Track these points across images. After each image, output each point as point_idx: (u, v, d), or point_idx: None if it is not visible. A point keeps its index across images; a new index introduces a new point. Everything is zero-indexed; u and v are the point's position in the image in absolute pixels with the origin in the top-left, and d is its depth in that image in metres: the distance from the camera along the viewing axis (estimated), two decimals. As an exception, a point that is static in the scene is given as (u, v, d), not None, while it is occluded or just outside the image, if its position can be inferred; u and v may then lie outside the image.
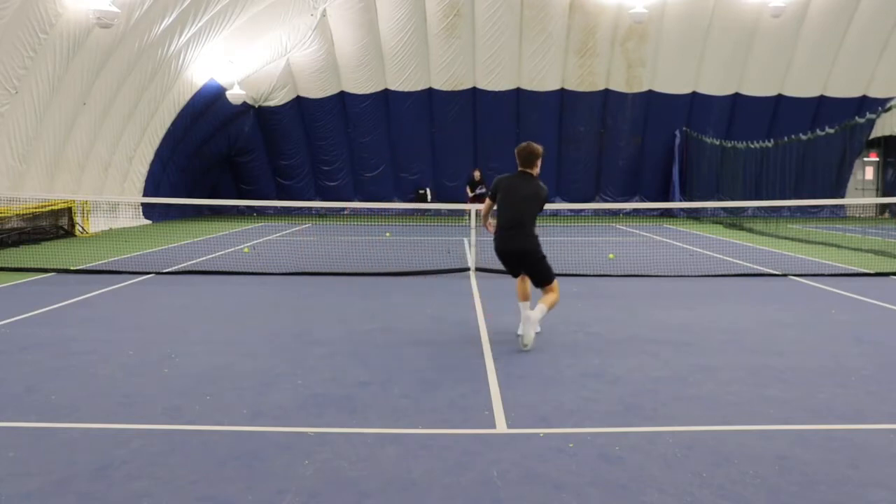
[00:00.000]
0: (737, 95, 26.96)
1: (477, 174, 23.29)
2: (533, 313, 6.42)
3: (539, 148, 6.70)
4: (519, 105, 26.56)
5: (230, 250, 14.71)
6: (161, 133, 21.70)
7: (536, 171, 6.69)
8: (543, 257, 6.61)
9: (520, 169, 6.69)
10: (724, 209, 24.80)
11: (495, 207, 6.77)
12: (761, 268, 11.96)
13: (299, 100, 26.30)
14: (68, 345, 6.52)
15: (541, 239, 6.67)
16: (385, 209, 25.45)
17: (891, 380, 5.49)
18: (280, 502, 3.42)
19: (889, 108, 20.93)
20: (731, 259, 13.35)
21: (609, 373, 5.64)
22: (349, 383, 5.34)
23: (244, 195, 26.84)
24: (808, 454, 4.01)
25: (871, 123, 24.99)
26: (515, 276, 6.85)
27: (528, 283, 6.79)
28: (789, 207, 25.47)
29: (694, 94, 26.80)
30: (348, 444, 4.14)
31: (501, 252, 6.66)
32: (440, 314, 8.03)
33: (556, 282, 6.70)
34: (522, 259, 6.61)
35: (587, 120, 26.96)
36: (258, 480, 3.65)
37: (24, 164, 15.92)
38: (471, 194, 23.16)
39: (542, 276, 6.64)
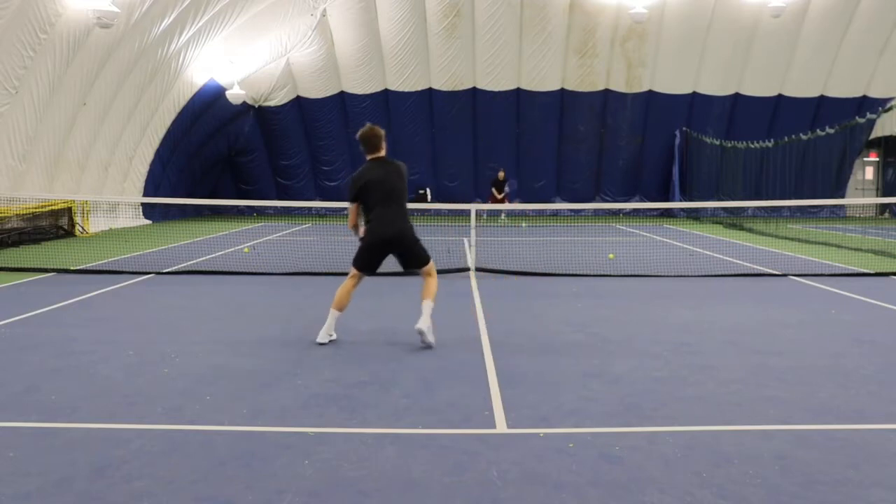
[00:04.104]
0: (737, 95, 26.97)
1: (501, 174, 23.53)
2: (424, 320, 6.30)
3: (381, 129, 6.55)
4: (519, 105, 26.56)
5: (230, 250, 14.71)
6: (161, 133, 21.70)
7: (384, 152, 6.54)
8: (419, 239, 6.55)
9: (370, 157, 6.51)
10: (724, 209, 24.80)
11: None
12: (761, 268, 11.96)
13: (299, 100, 26.30)
14: (68, 345, 6.52)
15: (542, 238, 6.67)
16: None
17: (891, 380, 5.49)
18: (280, 502, 3.42)
19: (889, 108, 20.93)
20: (731, 259, 13.35)
21: (609, 373, 5.64)
22: (349, 383, 5.34)
23: (244, 195, 26.84)
24: (808, 454, 4.01)
25: (871, 123, 24.98)
26: (372, 271, 6.62)
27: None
28: (789, 207, 25.47)
29: (694, 94, 26.81)
30: (348, 444, 4.14)
31: (381, 239, 6.40)
32: (440, 314, 8.01)
33: (432, 262, 6.63)
34: (401, 243, 6.44)
35: (587, 120, 26.97)
36: (258, 480, 3.65)
37: (24, 164, 15.92)
38: (499, 196, 23.45)
39: (422, 256, 6.54)
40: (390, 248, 6.50)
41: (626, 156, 27.66)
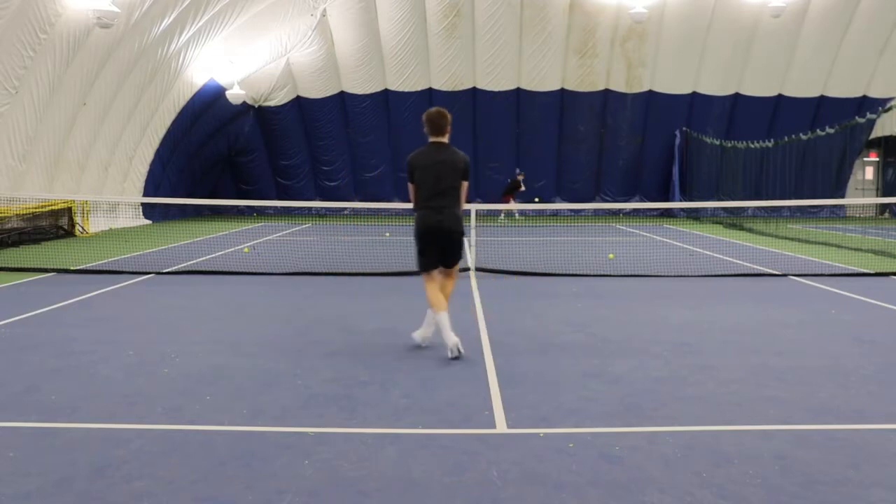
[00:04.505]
0: (737, 95, 26.98)
1: (521, 177, 23.83)
2: (429, 322, 6.27)
3: (448, 113, 6.27)
4: (519, 105, 26.57)
5: (230, 250, 14.71)
6: (161, 133, 21.71)
7: (446, 138, 6.23)
8: (461, 237, 6.26)
9: (431, 139, 6.21)
10: (724, 209, 24.81)
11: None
12: (761, 268, 11.96)
13: (299, 100, 26.31)
14: (68, 345, 6.52)
15: (540, 238, 6.64)
16: (385, 209, 25.45)
17: (891, 380, 5.49)
18: (280, 502, 3.42)
19: (889, 108, 20.93)
20: (731, 259, 13.35)
21: (609, 373, 5.63)
22: (349, 383, 5.34)
23: (244, 195, 26.85)
24: (808, 454, 4.01)
25: (871, 123, 25.00)
26: (431, 267, 6.24)
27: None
28: (789, 207, 25.49)
29: (694, 94, 26.81)
30: (348, 444, 4.14)
31: (423, 229, 6.12)
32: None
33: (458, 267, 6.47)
34: (440, 236, 6.13)
35: (587, 120, 26.98)
36: (258, 480, 3.65)
37: (24, 164, 15.92)
38: (515, 191, 23.84)
39: (456, 257, 6.29)
40: (433, 238, 6.17)
41: (626, 156, 27.67)
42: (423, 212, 6.18)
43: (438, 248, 6.22)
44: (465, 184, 6.30)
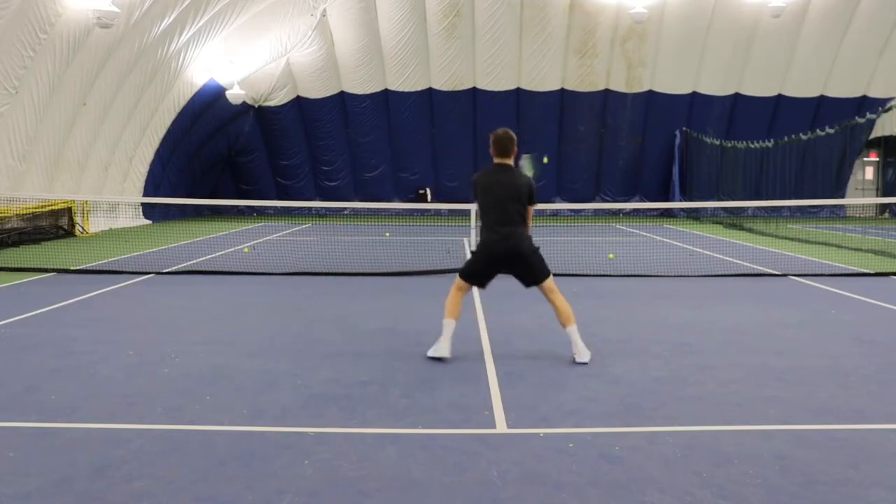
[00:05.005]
0: (737, 95, 26.98)
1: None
2: (579, 352, 5.87)
3: (513, 134, 6.13)
4: (519, 105, 26.57)
5: (230, 250, 14.71)
6: (161, 133, 21.71)
7: (512, 160, 6.11)
8: (537, 249, 6.05)
9: (495, 161, 6.08)
10: (724, 209, 24.81)
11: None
12: (761, 268, 11.96)
13: (299, 100, 26.31)
14: (68, 345, 6.51)
15: (540, 238, 6.62)
16: (385, 209, 25.47)
17: (891, 380, 5.49)
18: (280, 502, 3.42)
19: (889, 108, 20.94)
20: (731, 259, 13.35)
21: (609, 373, 5.63)
22: (349, 383, 5.34)
23: (244, 195, 26.85)
24: (808, 454, 4.01)
25: (871, 123, 25.00)
26: (471, 279, 6.17)
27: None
28: (789, 207, 25.49)
29: (694, 94, 26.81)
30: (348, 444, 4.14)
31: (484, 253, 6.00)
32: (440, 314, 8.01)
33: (551, 278, 6.12)
34: (507, 259, 5.96)
35: (587, 120, 26.98)
36: (258, 480, 3.65)
37: (24, 164, 15.93)
38: None
39: (537, 271, 6.00)
40: (496, 263, 6.02)
41: (626, 156, 27.67)
42: (484, 233, 6.05)
43: (493, 268, 6.08)
44: (531, 208, 6.14)
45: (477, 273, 6.16)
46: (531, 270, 6.02)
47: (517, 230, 5.95)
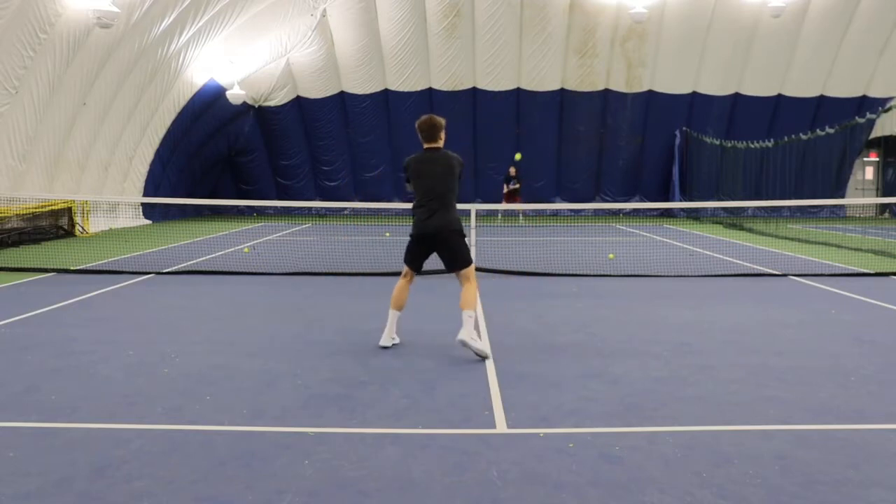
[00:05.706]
0: (737, 95, 26.97)
1: (512, 170, 23.40)
2: (465, 330, 5.90)
3: (441, 120, 6.47)
4: (519, 105, 26.56)
5: (230, 250, 14.71)
6: (161, 133, 21.71)
7: (441, 143, 6.44)
8: (464, 235, 6.28)
9: (425, 146, 6.42)
10: (724, 209, 24.80)
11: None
12: (761, 268, 11.96)
13: (299, 100, 26.31)
14: (68, 345, 6.52)
15: (540, 238, 6.62)
16: (385, 209, 25.46)
17: (891, 380, 5.49)
18: (280, 502, 3.42)
19: (889, 108, 20.93)
20: (731, 259, 13.35)
21: (609, 373, 5.63)
22: (349, 383, 5.34)
23: (244, 195, 26.85)
24: (808, 454, 4.01)
25: (871, 123, 24.99)
26: (417, 269, 6.37)
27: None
28: (789, 207, 25.48)
29: (694, 94, 26.80)
30: (348, 444, 4.14)
31: (418, 234, 6.22)
32: (440, 314, 8.02)
33: (472, 266, 6.29)
34: (437, 240, 6.17)
35: (587, 120, 26.97)
36: (258, 480, 3.65)
37: (24, 164, 15.92)
38: (505, 190, 23.28)
39: (460, 257, 6.21)
40: (428, 244, 6.25)
41: (626, 156, 27.66)
42: (416, 213, 6.31)
43: (423, 248, 6.29)
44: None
45: (412, 255, 6.36)
46: (455, 255, 6.22)
47: (448, 210, 6.23)
